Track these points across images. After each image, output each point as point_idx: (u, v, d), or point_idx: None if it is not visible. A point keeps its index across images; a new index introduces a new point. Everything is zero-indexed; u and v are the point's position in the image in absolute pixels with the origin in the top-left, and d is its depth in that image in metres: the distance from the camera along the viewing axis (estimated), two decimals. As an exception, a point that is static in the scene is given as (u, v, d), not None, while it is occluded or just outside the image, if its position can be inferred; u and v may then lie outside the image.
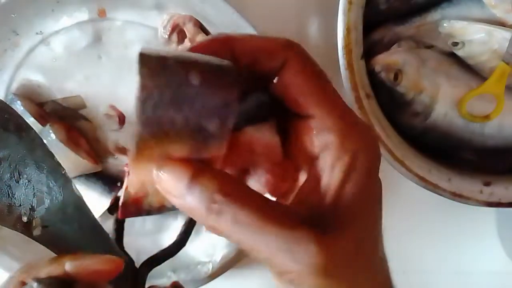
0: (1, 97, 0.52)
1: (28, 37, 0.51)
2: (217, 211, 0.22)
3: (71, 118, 0.52)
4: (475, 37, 0.46)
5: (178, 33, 0.49)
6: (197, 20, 0.49)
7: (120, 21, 0.50)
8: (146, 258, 0.44)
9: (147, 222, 0.54)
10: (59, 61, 0.51)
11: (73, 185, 0.35)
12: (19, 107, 0.49)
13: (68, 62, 0.51)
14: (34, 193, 0.33)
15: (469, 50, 0.47)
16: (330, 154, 0.24)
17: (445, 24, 0.47)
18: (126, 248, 0.44)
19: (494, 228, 0.58)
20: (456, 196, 0.48)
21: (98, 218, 0.38)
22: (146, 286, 0.42)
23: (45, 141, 0.35)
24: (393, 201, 0.57)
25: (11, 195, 0.32)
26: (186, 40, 0.49)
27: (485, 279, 0.59)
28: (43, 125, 0.49)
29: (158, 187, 0.24)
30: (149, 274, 0.43)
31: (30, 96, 0.52)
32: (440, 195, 0.48)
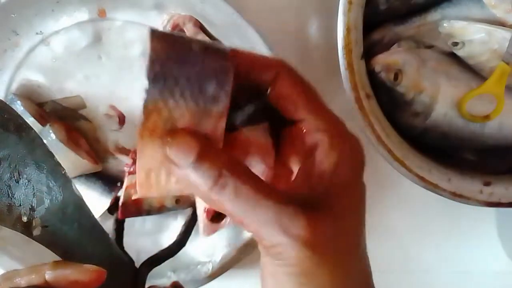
0: (1, 97, 0.52)
1: (28, 37, 0.51)
2: (222, 184, 0.25)
3: (71, 118, 0.52)
4: (475, 37, 0.46)
5: (178, 33, 0.49)
6: (197, 20, 0.49)
7: (120, 21, 0.50)
8: (146, 258, 0.44)
9: (147, 222, 0.54)
10: (59, 61, 0.51)
11: (73, 185, 0.35)
12: (19, 107, 0.49)
13: (68, 62, 0.51)
14: (34, 193, 0.33)
15: (469, 50, 0.47)
16: (320, 151, 0.27)
17: (445, 24, 0.47)
18: (126, 248, 0.44)
19: (494, 228, 0.58)
20: (456, 196, 0.48)
21: (98, 218, 0.38)
22: (146, 286, 0.42)
23: (45, 141, 0.35)
24: (393, 201, 0.57)
25: (11, 195, 0.32)
26: (186, 40, 0.49)
27: (485, 279, 0.59)
28: (43, 125, 0.49)
29: (165, 160, 0.25)
30: (149, 274, 0.43)
31: (30, 96, 0.52)
32: (440, 195, 0.48)
